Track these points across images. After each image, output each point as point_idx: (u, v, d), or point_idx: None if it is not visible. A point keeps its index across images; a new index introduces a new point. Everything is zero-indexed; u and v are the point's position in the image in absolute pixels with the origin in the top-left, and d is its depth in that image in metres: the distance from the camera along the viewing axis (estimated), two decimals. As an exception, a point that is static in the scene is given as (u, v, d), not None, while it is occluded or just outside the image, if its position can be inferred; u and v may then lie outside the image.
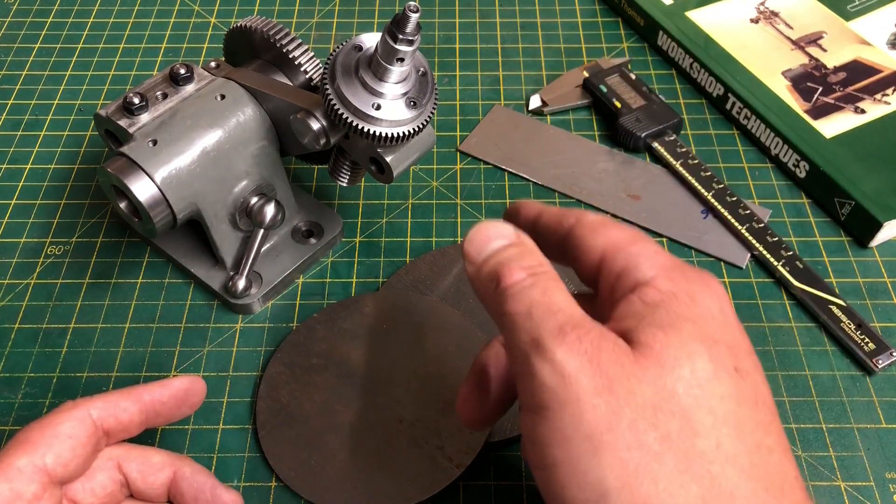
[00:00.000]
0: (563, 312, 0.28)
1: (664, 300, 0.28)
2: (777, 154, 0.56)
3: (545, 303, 0.28)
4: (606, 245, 0.31)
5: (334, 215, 0.52)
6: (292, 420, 0.43)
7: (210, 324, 0.49)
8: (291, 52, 0.47)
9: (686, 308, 0.28)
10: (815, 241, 0.52)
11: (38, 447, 0.33)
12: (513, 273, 0.30)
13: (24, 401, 0.45)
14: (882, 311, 0.48)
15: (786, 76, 0.59)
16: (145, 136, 0.43)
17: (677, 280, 0.29)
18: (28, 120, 0.60)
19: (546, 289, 0.29)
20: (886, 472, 0.42)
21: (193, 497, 0.36)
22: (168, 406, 0.37)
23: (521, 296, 0.29)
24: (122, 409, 0.35)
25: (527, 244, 0.31)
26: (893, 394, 0.45)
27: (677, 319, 0.28)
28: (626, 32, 0.66)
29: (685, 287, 0.29)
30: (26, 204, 0.55)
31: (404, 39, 0.38)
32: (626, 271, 0.30)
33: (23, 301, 0.50)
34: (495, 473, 0.42)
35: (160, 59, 0.65)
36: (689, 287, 0.29)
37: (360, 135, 0.41)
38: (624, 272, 0.30)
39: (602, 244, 0.31)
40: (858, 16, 0.63)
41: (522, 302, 0.29)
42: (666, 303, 0.28)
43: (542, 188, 0.55)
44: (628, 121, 0.57)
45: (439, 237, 0.52)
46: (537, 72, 0.63)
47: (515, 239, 0.32)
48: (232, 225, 0.48)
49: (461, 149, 0.57)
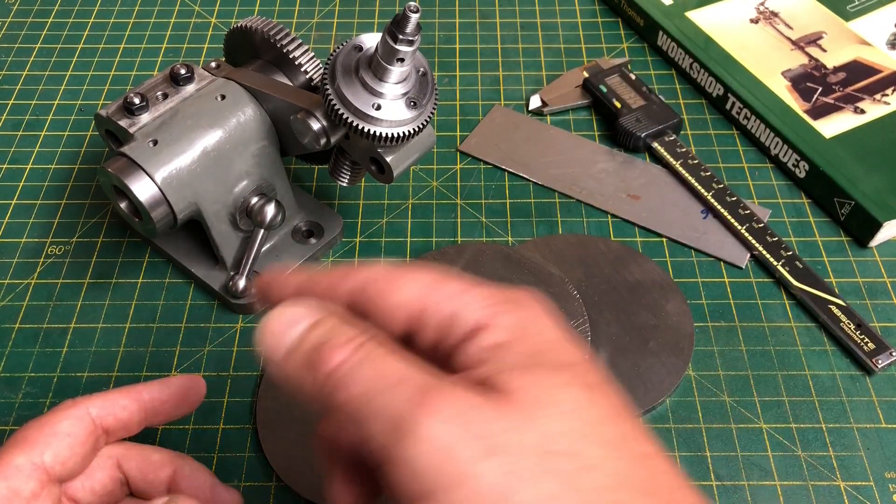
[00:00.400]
0: (409, 379, 0.24)
1: (506, 341, 0.26)
2: (777, 154, 0.56)
3: (383, 376, 0.25)
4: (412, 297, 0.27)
5: (334, 215, 0.52)
6: (292, 420, 0.43)
7: (210, 324, 0.49)
8: (292, 52, 0.47)
9: (527, 343, 0.26)
10: (814, 241, 0.52)
11: (37, 445, 0.33)
12: (332, 355, 0.26)
13: (25, 400, 0.45)
14: (882, 311, 0.48)
15: (786, 76, 0.59)
16: (146, 136, 0.43)
17: (506, 312, 0.27)
18: (29, 120, 0.60)
19: (377, 359, 0.25)
20: (886, 471, 0.42)
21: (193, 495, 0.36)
22: (167, 405, 0.37)
23: (353, 378, 0.25)
24: (121, 408, 0.35)
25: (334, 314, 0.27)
26: (893, 394, 0.45)
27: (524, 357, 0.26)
28: (626, 32, 0.66)
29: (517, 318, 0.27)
30: (27, 204, 0.55)
31: (404, 40, 0.38)
32: (454, 317, 0.27)
33: (23, 301, 0.50)
34: (495, 473, 0.42)
35: (161, 60, 0.65)
36: (520, 316, 0.27)
37: (360, 135, 0.41)
38: (453, 318, 0.27)
39: (407, 297, 0.28)
40: (858, 16, 0.63)
41: (356, 384, 0.25)
42: (509, 343, 0.26)
43: (542, 188, 0.55)
44: (628, 121, 0.57)
45: (439, 237, 0.52)
46: (537, 72, 0.63)
47: (318, 314, 0.27)
48: (232, 225, 0.48)
49: (461, 149, 0.57)
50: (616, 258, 0.50)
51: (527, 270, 0.49)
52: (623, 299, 0.48)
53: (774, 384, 0.46)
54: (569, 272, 0.49)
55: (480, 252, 0.50)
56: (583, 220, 0.53)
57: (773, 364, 0.46)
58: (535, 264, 0.49)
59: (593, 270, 0.50)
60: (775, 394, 0.45)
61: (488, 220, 0.53)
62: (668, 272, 0.50)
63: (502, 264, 0.50)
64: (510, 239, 0.52)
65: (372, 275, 0.28)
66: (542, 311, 0.28)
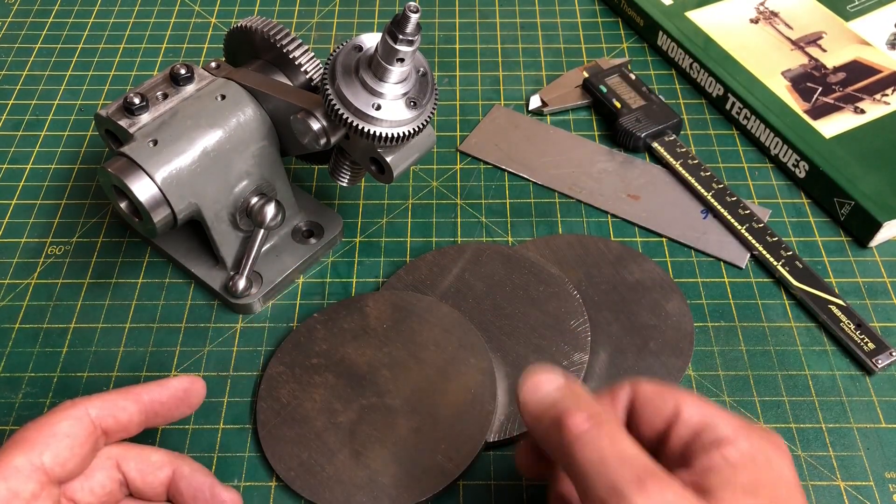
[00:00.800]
0: (637, 461, 0.29)
1: (744, 462, 0.30)
2: (777, 154, 0.56)
3: (617, 451, 0.29)
4: (677, 405, 0.32)
5: (334, 215, 0.52)
6: (292, 420, 0.43)
7: (210, 324, 0.49)
8: (292, 52, 0.47)
9: (764, 473, 0.30)
10: (814, 241, 0.52)
11: (36, 446, 0.33)
12: (576, 420, 0.30)
13: (25, 401, 0.45)
14: (882, 311, 0.48)
15: (785, 76, 0.59)
16: (146, 136, 0.43)
17: (755, 441, 0.30)
18: (29, 120, 0.60)
19: (613, 437, 0.30)
20: (886, 471, 0.42)
21: (192, 496, 0.36)
22: (167, 406, 0.37)
23: (591, 444, 0.30)
24: (120, 409, 0.35)
25: (578, 389, 0.33)
26: (893, 393, 0.45)
27: (756, 485, 0.29)
28: (626, 33, 0.66)
29: (762, 449, 0.30)
30: (27, 204, 0.55)
31: (404, 40, 0.38)
32: (706, 428, 0.31)
33: (23, 301, 0.50)
34: (495, 473, 0.43)
35: (160, 60, 0.65)
36: (766, 449, 0.30)
37: (360, 135, 0.41)
38: (704, 428, 0.31)
39: (673, 405, 0.32)
40: (858, 16, 0.63)
41: (593, 450, 0.29)
42: (746, 465, 0.30)
43: (542, 188, 0.55)
44: (628, 121, 0.57)
45: (439, 237, 0.52)
46: (537, 72, 0.63)
47: (566, 384, 0.33)
48: (232, 225, 0.48)
49: (461, 149, 0.57)
50: (616, 258, 0.50)
51: (527, 270, 0.49)
52: (623, 299, 0.48)
53: (774, 384, 0.45)
54: (569, 272, 0.49)
55: (480, 252, 0.50)
56: (583, 220, 0.53)
57: (773, 364, 0.46)
58: (535, 264, 0.49)
59: (593, 270, 0.50)
60: (775, 394, 0.45)
61: (488, 220, 0.53)
62: (668, 272, 0.50)
63: (502, 264, 0.50)
64: (510, 239, 0.52)
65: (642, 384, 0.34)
66: (787, 451, 0.31)
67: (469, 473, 0.42)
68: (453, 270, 0.50)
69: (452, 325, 0.46)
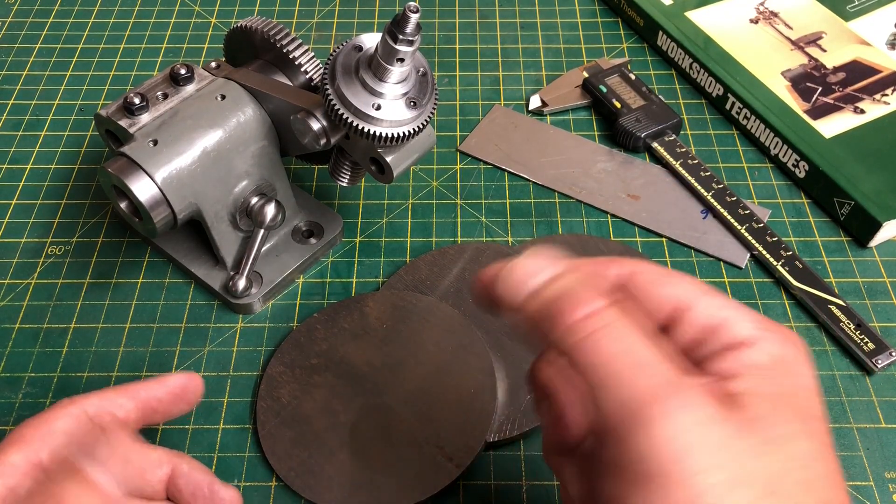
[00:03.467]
0: (656, 367, 0.25)
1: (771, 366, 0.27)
2: (777, 154, 0.56)
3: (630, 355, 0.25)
4: (681, 296, 0.28)
5: (334, 215, 0.52)
6: (292, 420, 0.43)
7: (210, 324, 0.49)
8: (292, 52, 0.47)
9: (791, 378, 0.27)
10: (814, 241, 0.52)
11: (33, 443, 0.33)
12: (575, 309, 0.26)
13: (25, 400, 0.45)
14: (881, 311, 0.48)
15: (785, 76, 0.59)
16: (146, 136, 0.43)
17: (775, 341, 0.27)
18: (29, 120, 0.60)
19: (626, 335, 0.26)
20: (886, 471, 0.42)
21: (191, 494, 0.36)
22: (165, 403, 0.37)
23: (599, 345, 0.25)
24: (117, 406, 0.35)
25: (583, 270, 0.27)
26: (893, 393, 0.45)
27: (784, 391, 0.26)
28: (626, 33, 0.66)
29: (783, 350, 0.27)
30: (27, 204, 0.55)
31: (404, 40, 0.38)
32: (723, 325, 0.27)
33: (23, 301, 0.50)
34: (495, 473, 0.43)
35: (161, 60, 0.65)
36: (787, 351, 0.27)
37: (360, 135, 0.41)
38: (721, 325, 0.27)
39: (675, 295, 0.28)
40: (858, 16, 0.63)
41: (601, 353, 0.25)
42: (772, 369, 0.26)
43: (542, 188, 0.55)
44: (628, 121, 0.57)
45: (439, 237, 0.52)
46: (537, 72, 0.63)
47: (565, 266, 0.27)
48: (232, 225, 0.48)
49: (461, 149, 0.57)
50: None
51: (527, 270, 0.49)
52: (623, 299, 0.48)
53: (774, 384, 0.45)
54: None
55: (480, 252, 0.50)
56: (583, 220, 0.53)
57: (773, 364, 0.46)
58: (535, 264, 0.49)
59: (593, 270, 0.50)
60: (775, 394, 0.45)
61: (488, 220, 0.53)
62: (667, 272, 0.50)
63: (502, 264, 0.49)
64: (510, 239, 0.52)
65: (641, 265, 0.29)
66: (807, 355, 0.28)
67: (469, 473, 0.42)
68: (453, 270, 0.50)
69: (452, 325, 0.46)
